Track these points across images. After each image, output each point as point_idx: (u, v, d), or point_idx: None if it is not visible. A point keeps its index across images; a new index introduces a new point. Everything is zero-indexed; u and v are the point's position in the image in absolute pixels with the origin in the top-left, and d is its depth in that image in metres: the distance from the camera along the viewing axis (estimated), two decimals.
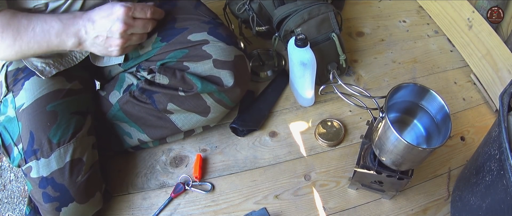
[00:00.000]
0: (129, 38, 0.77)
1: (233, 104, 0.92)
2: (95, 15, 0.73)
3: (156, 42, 0.86)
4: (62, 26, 0.71)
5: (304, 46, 0.89)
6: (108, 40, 0.74)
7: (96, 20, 0.72)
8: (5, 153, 0.78)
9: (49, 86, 0.80)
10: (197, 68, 0.83)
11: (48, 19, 0.71)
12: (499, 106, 0.63)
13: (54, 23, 0.70)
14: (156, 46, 0.86)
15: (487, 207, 0.67)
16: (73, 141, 0.77)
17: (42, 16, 0.71)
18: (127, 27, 0.73)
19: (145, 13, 0.77)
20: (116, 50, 0.76)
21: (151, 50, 0.86)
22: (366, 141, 0.82)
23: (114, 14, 0.72)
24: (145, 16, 0.77)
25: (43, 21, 0.70)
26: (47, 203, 0.75)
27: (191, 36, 0.85)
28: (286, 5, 1.03)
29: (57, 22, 0.71)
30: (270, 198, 0.92)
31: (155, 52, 0.86)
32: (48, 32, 0.70)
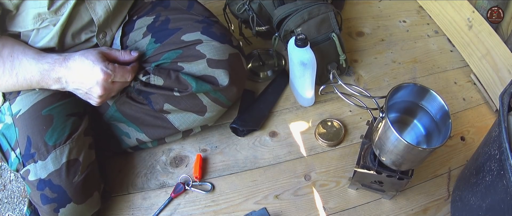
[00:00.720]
0: (108, 96, 0.79)
1: (230, 103, 0.92)
2: (75, 70, 0.73)
3: (150, 43, 0.86)
4: (41, 77, 0.72)
5: (304, 46, 0.89)
6: (87, 95, 0.77)
7: (75, 75, 0.73)
8: (3, 158, 0.79)
9: (45, 91, 0.81)
10: (191, 68, 0.83)
11: (28, 67, 0.72)
12: (499, 106, 0.63)
13: (34, 73, 0.72)
14: (150, 48, 0.86)
15: (487, 207, 0.67)
16: (69, 142, 0.77)
17: (23, 61, 0.72)
18: (105, 91, 0.75)
19: (126, 78, 0.78)
20: (96, 103, 0.79)
21: (145, 52, 0.86)
22: (366, 141, 0.82)
23: (93, 77, 0.73)
24: (125, 81, 0.78)
25: (24, 69, 0.72)
26: (46, 205, 0.75)
27: (184, 36, 0.84)
28: (286, 5, 1.03)
29: (37, 73, 0.72)
30: (270, 198, 0.92)
31: (149, 53, 0.86)
32: (30, 80, 0.72)
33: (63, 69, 0.72)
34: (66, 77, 0.73)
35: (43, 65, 0.72)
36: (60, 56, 0.73)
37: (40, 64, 0.72)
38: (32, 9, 0.72)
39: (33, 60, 0.72)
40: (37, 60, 0.72)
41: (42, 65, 0.72)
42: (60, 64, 0.72)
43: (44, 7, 0.72)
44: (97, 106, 0.88)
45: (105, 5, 0.81)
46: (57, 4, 0.73)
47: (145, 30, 0.88)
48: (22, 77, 0.72)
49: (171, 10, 0.90)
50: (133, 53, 0.81)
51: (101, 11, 0.81)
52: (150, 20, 0.88)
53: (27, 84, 0.73)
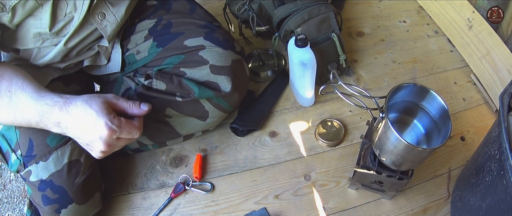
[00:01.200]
0: (111, 151, 0.69)
1: (231, 109, 0.92)
2: (76, 118, 0.64)
3: (152, 47, 0.86)
4: (40, 119, 0.64)
5: (304, 46, 0.89)
6: (88, 147, 0.68)
7: (76, 124, 0.64)
8: (2, 159, 0.78)
9: None
10: (194, 74, 0.83)
11: (27, 106, 0.64)
12: (499, 107, 0.63)
13: (32, 113, 0.64)
14: (152, 52, 0.85)
15: (487, 207, 0.67)
16: (70, 143, 0.77)
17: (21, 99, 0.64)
18: (108, 147, 0.66)
19: (133, 135, 0.68)
20: (97, 157, 0.69)
21: (147, 56, 0.86)
22: (366, 141, 0.82)
23: (96, 131, 0.64)
24: (132, 138, 0.69)
25: (22, 108, 0.64)
26: (47, 206, 0.75)
27: (187, 41, 0.84)
28: (286, 5, 1.03)
29: (35, 114, 0.64)
30: (270, 198, 0.92)
31: (151, 58, 0.86)
32: (28, 120, 0.65)
33: (63, 114, 0.63)
34: (66, 124, 0.64)
35: (42, 106, 0.63)
36: (61, 98, 0.64)
37: (39, 106, 0.63)
38: (32, 28, 0.71)
39: (32, 99, 0.64)
40: (36, 100, 0.64)
41: (40, 106, 0.63)
42: (61, 108, 0.63)
43: (45, 28, 0.71)
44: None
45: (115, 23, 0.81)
46: (58, 26, 0.72)
47: (147, 34, 0.87)
48: (20, 116, 0.65)
49: (173, 13, 0.89)
50: (143, 107, 0.71)
51: (111, 28, 0.81)
52: (152, 23, 0.88)
53: (26, 123, 0.66)
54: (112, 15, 0.79)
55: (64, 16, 0.72)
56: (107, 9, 0.78)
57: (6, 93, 0.64)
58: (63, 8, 0.71)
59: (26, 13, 0.67)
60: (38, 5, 0.67)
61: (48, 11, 0.68)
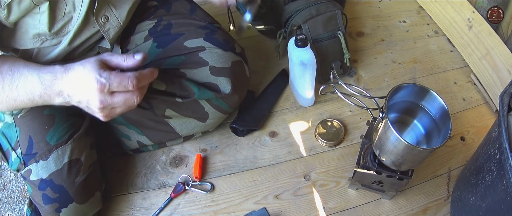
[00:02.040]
0: (111, 112, 0.66)
1: (231, 110, 0.92)
2: (74, 81, 0.63)
3: (152, 48, 0.86)
4: (43, 88, 0.63)
5: (304, 46, 0.89)
6: (89, 109, 0.66)
7: (74, 87, 0.63)
8: (3, 157, 0.78)
9: None
10: (194, 75, 0.83)
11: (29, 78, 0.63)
12: (499, 107, 0.63)
13: (36, 84, 0.63)
14: (152, 53, 0.86)
15: (487, 207, 0.67)
16: (71, 142, 0.77)
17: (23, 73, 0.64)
18: (102, 104, 0.62)
19: (125, 87, 0.62)
20: (103, 119, 0.66)
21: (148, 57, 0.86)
22: (366, 141, 0.82)
23: (88, 87, 0.61)
24: (126, 90, 0.63)
25: (25, 81, 0.64)
26: (47, 205, 0.75)
27: (187, 42, 0.84)
28: (296, 2, 1.03)
29: (38, 84, 0.63)
30: (270, 198, 0.92)
31: (151, 58, 0.86)
32: (31, 93, 0.64)
33: (64, 81, 0.63)
34: (68, 91, 0.63)
35: (45, 75, 0.63)
36: (61, 67, 0.64)
37: (42, 74, 0.63)
38: (31, 29, 0.71)
39: (35, 71, 0.64)
40: (39, 70, 0.64)
41: (44, 75, 0.63)
42: (62, 76, 0.63)
43: (44, 28, 0.71)
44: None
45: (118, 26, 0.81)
46: (58, 26, 0.72)
47: (147, 34, 0.87)
48: (22, 90, 0.64)
49: (173, 14, 0.89)
50: (137, 56, 0.65)
51: (113, 31, 0.81)
52: (152, 24, 0.88)
53: (28, 98, 0.64)
54: (115, 18, 0.79)
55: (63, 16, 0.72)
56: (110, 12, 0.78)
57: (8, 72, 0.64)
58: (62, 8, 0.71)
59: (22, 12, 0.67)
60: (34, 5, 0.67)
61: (46, 12, 0.68)
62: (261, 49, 1.22)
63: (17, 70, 0.64)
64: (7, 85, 0.64)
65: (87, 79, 0.61)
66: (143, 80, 0.65)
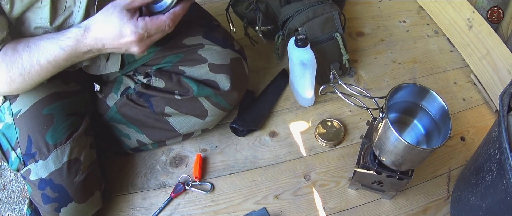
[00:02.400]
0: (149, 46, 0.70)
1: (231, 107, 0.92)
2: (103, 36, 0.65)
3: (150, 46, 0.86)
4: (67, 54, 0.65)
5: (304, 46, 0.89)
6: (128, 52, 0.69)
7: (105, 42, 0.65)
8: (3, 157, 0.78)
9: (45, 90, 0.80)
10: (192, 73, 0.83)
11: (49, 47, 0.65)
12: (499, 107, 0.63)
13: (57, 52, 0.65)
14: (151, 51, 0.85)
15: (487, 207, 0.67)
16: (70, 142, 0.77)
17: (41, 45, 0.65)
18: (144, 48, 0.67)
19: (164, 30, 0.67)
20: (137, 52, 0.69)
21: (146, 55, 0.86)
22: (366, 141, 0.82)
23: (125, 41, 0.65)
24: (164, 33, 0.68)
25: (45, 52, 0.65)
26: (47, 204, 0.75)
27: (186, 40, 0.84)
28: (293, 4, 1.03)
29: (61, 51, 0.65)
30: (270, 198, 0.92)
31: (150, 56, 0.86)
32: (55, 61, 0.66)
33: (89, 40, 0.64)
34: (97, 46, 0.65)
35: (65, 41, 0.64)
36: (80, 28, 0.65)
37: (61, 41, 0.64)
38: (33, 23, 0.70)
39: (53, 39, 0.65)
40: (57, 39, 0.64)
41: (63, 41, 0.64)
42: (84, 37, 0.64)
43: (45, 23, 0.70)
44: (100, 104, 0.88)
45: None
46: (59, 20, 0.71)
47: None
48: (44, 61, 0.65)
49: None
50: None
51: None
52: None
53: (53, 67, 0.66)
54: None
55: (64, 10, 0.71)
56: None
57: (25, 49, 0.65)
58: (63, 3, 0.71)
59: (25, 7, 0.67)
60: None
61: (47, 6, 0.68)
62: (261, 49, 1.22)
63: (33, 44, 0.65)
64: (26, 62, 0.65)
65: (122, 34, 0.63)
66: (178, 18, 0.68)
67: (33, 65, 0.65)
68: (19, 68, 0.65)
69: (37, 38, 0.66)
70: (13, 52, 0.65)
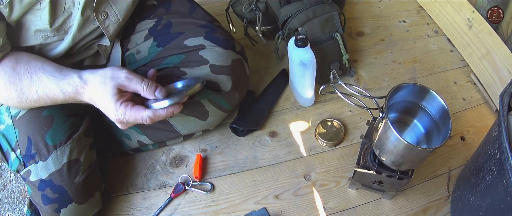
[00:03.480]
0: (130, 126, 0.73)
1: (232, 108, 0.92)
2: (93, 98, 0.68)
3: (152, 47, 0.86)
4: (65, 97, 0.68)
5: (304, 46, 0.89)
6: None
7: (97, 105, 0.69)
8: (3, 158, 0.78)
9: None
10: (194, 74, 0.83)
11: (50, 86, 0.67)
12: (499, 107, 0.63)
13: (57, 93, 0.67)
14: (152, 51, 0.85)
15: (487, 207, 0.67)
16: (70, 143, 0.77)
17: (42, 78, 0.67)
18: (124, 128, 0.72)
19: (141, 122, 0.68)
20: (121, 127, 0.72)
21: (147, 55, 0.86)
22: (366, 141, 0.82)
23: (108, 113, 0.68)
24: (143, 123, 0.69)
25: (45, 87, 0.67)
26: (47, 205, 0.75)
27: (187, 41, 0.84)
28: (292, 4, 1.03)
29: (60, 93, 0.67)
30: (270, 198, 0.92)
31: (151, 57, 0.86)
32: (54, 98, 0.68)
33: (86, 95, 0.68)
34: (92, 102, 0.69)
35: (65, 86, 0.67)
36: (80, 80, 0.67)
37: (62, 85, 0.67)
38: (33, 26, 0.71)
39: (54, 78, 0.67)
40: (58, 80, 0.67)
41: (64, 86, 0.67)
42: (82, 89, 0.67)
43: (45, 24, 0.71)
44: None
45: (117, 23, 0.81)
46: (58, 22, 0.72)
47: (147, 33, 0.87)
48: (43, 94, 0.67)
49: (173, 13, 0.89)
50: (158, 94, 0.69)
51: (113, 28, 0.81)
52: (152, 23, 0.88)
53: (51, 101, 0.69)
54: (115, 14, 0.79)
55: (63, 11, 0.72)
56: (109, 9, 0.78)
57: (25, 74, 0.66)
58: (62, 4, 0.71)
59: (24, 9, 0.67)
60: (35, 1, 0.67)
61: (47, 7, 0.68)
62: (261, 49, 1.22)
63: (35, 73, 0.67)
64: (26, 88, 0.67)
65: (107, 107, 0.67)
66: (158, 119, 0.69)
67: (31, 93, 0.67)
68: (18, 91, 0.67)
69: (38, 65, 0.68)
70: (13, 72, 0.66)
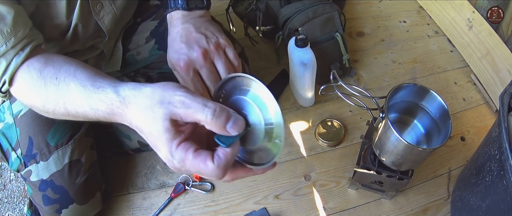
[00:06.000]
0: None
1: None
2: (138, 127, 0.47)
3: (153, 49, 0.85)
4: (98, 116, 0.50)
5: (304, 47, 0.89)
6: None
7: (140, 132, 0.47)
8: (3, 157, 0.78)
9: None
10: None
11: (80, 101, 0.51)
12: (499, 107, 0.63)
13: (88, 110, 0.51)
14: (153, 53, 0.85)
15: (487, 208, 0.67)
16: (71, 143, 0.77)
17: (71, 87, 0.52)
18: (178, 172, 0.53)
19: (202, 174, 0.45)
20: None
21: (148, 57, 0.86)
22: (366, 141, 0.82)
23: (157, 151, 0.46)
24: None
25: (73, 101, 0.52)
26: (48, 206, 0.75)
27: None
28: (293, 4, 1.03)
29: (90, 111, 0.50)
30: (270, 198, 0.92)
31: (152, 59, 0.85)
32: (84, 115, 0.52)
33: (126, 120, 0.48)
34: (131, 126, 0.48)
35: (96, 103, 0.49)
36: (117, 97, 0.47)
37: (92, 101, 0.49)
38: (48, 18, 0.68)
39: (84, 90, 0.50)
40: (89, 93, 0.50)
41: (94, 103, 0.49)
42: (120, 110, 0.47)
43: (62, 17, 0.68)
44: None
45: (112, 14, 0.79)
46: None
47: (148, 35, 0.87)
48: (72, 109, 0.52)
49: None
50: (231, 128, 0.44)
51: (107, 19, 0.78)
52: (154, 24, 0.87)
53: (83, 118, 0.53)
54: (109, 5, 0.77)
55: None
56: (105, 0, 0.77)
57: (53, 80, 0.53)
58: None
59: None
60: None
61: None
62: (261, 49, 1.22)
63: (63, 80, 0.52)
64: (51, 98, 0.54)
65: (156, 145, 0.45)
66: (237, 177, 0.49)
67: (58, 105, 0.54)
68: (42, 100, 0.55)
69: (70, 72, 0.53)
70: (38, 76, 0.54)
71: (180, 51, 0.66)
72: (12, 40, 0.54)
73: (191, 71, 0.65)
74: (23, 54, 0.55)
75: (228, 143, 0.43)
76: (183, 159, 0.43)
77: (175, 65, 0.67)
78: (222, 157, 0.43)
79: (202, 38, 0.67)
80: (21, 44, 0.55)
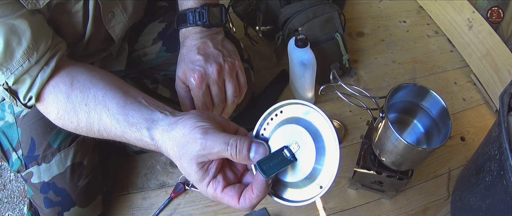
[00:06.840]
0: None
1: (235, 114, 0.91)
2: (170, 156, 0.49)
3: (160, 51, 0.85)
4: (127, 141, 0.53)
5: (304, 47, 0.89)
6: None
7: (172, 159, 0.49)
8: (3, 157, 0.77)
9: None
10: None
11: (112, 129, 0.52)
12: (499, 107, 0.63)
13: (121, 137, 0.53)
14: (160, 56, 0.85)
15: (487, 207, 0.67)
16: (74, 145, 0.77)
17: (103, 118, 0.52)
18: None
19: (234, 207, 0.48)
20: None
21: (155, 59, 0.85)
22: (366, 141, 0.82)
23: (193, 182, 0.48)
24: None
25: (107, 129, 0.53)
26: (49, 208, 0.75)
27: None
28: (293, 4, 1.03)
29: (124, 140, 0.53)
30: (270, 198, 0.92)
31: (159, 61, 0.84)
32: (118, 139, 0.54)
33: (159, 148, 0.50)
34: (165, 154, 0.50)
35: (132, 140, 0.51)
36: (152, 141, 0.49)
37: (129, 137, 0.51)
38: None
39: (118, 125, 0.51)
40: (124, 128, 0.51)
41: (131, 139, 0.51)
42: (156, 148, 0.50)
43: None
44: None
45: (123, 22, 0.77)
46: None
47: (156, 37, 0.86)
48: (107, 135, 0.53)
49: None
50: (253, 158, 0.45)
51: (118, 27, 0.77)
52: (162, 26, 0.86)
53: (118, 140, 0.54)
54: (121, 14, 0.76)
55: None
56: (116, 8, 0.76)
57: (82, 107, 0.53)
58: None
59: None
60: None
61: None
62: (261, 49, 1.22)
63: (94, 108, 0.52)
64: (83, 123, 0.53)
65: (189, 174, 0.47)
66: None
67: (92, 130, 0.54)
68: (74, 124, 0.54)
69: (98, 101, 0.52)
70: (67, 101, 0.54)
71: (196, 63, 0.65)
72: (35, 56, 0.52)
73: (204, 85, 0.65)
74: (48, 70, 0.54)
75: (269, 174, 0.43)
76: (213, 194, 0.47)
77: (190, 76, 0.65)
78: (248, 201, 0.46)
79: (220, 55, 0.67)
80: (45, 58, 0.54)
